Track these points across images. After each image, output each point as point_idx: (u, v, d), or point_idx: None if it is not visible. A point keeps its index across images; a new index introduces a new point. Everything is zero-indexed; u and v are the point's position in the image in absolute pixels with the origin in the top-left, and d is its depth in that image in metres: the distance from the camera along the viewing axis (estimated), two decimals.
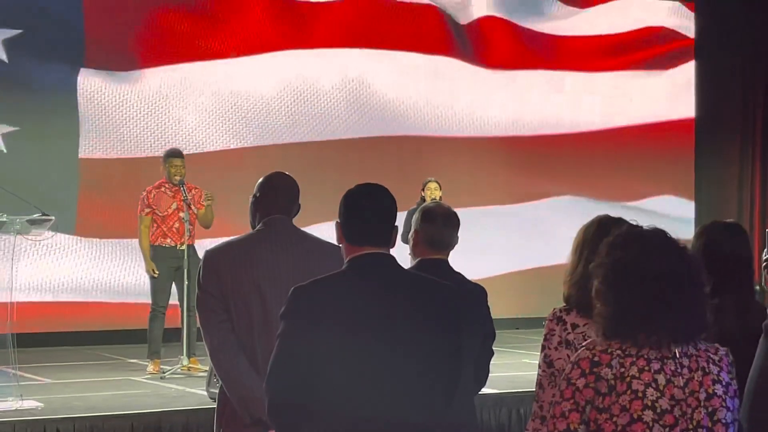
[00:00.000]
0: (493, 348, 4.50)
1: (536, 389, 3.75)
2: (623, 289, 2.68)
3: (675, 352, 2.68)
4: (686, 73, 14.62)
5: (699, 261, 2.79)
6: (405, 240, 4.57)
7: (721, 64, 14.45)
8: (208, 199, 9.54)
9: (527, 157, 13.70)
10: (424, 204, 5.43)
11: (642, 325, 2.67)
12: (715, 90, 14.52)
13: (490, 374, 4.51)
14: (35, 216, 7.90)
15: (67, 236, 11.48)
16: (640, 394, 2.64)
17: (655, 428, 2.63)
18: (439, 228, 4.35)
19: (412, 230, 4.39)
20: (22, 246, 8.99)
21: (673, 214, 13.80)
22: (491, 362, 4.49)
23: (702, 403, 2.66)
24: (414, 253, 4.40)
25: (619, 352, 2.67)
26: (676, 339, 2.68)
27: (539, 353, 3.78)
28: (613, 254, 2.73)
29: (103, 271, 11.78)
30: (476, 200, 13.13)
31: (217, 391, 4.30)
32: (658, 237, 2.75)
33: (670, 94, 14.51)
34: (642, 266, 2.69)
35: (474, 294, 4.40)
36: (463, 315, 3.24)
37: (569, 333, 3.69)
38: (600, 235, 3.57)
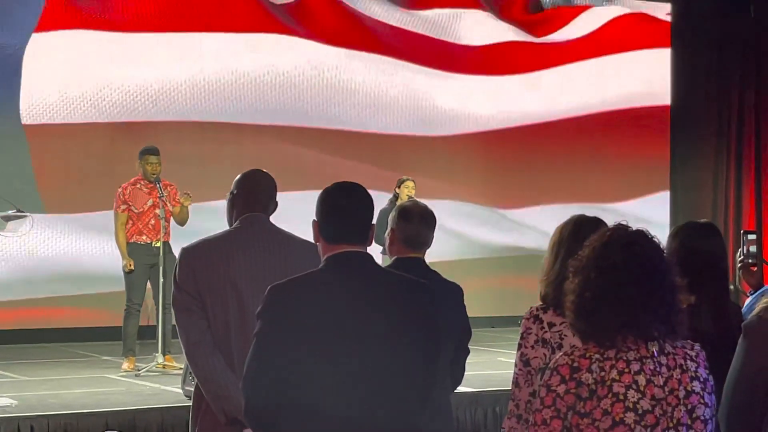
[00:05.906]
0: (469, 346, 4.51)
1: (512, 388, 3.75)
2: (604, 290, 2.67)
3: (653, 351, 2.69)
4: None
5: (673, 261, 2.79)
6: (379, 240, 4.55)
7: (697, 62, 14.47)
8: (187, 199, 9.48)
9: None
10: (400, 202, 5.42)
11: (620, 326, 2.67)
12: (691, 89, 14.56)
13: (465, 372, 4.52)
14: (9, 212, 7.85)
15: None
16: (621, 397, 2.64)
17: (636, 429, 2.63)
18: (416, 226, 4.35)
19: (389, 229, 4.38)
20: None
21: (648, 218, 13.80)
22: (467, 360, 4.50)
23: (681, 401, 2.67)
24: (390, 251, 4.40)
25: (597, 356, 2.67)
26: (653, 339, 2.69)
27: (516, 352, 3.79)
28: (594, 255, 2.72)
29: (75, 257, 11.60)
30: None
31: (192, 389, 4.28)
32: (640, 238, 2.74)
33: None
34: (623, 267, 2.68)
35: (450, 292, 4.40)
36: (440, 313, 3.24)
37: (546, 332, 3.70)
38: (576, 235, 3.59)
